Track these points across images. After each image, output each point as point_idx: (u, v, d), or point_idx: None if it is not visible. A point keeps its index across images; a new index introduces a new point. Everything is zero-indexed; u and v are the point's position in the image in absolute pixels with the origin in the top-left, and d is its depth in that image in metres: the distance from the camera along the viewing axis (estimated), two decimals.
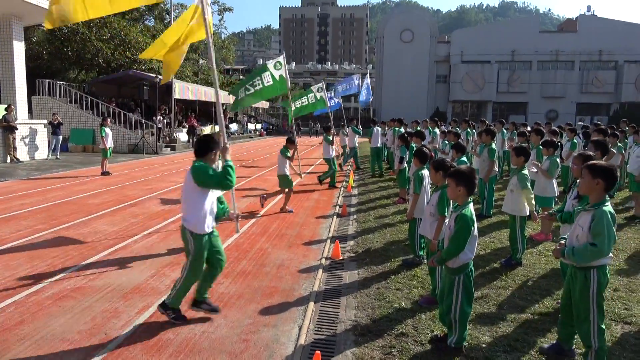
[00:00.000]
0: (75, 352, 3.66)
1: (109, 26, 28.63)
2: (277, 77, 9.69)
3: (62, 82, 23.95)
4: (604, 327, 3.38)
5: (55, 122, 18.52)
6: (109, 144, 13.99)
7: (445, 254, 3.59)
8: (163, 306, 4.20)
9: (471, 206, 3.65)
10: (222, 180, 3.99)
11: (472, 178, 3.62)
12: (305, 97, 15.24)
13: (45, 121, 18.99)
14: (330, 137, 12.73)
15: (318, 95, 15.01)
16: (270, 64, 9.95)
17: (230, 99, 36.24)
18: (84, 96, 23.27)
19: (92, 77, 32.68)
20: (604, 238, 3.18)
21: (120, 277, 5.37)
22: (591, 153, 4.98)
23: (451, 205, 3.91)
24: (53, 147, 18.67)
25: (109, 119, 14.85)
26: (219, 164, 4.44)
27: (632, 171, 9.04)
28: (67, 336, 3.92)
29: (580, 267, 3.36)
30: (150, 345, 3.79)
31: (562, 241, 3.50)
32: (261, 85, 9.52)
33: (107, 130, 13.95)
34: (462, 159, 7.31)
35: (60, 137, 18.96)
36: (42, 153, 18.56)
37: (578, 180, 4.10)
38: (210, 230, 4.13)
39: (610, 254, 3.32)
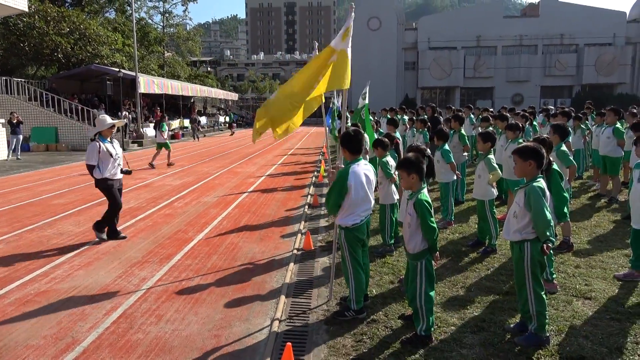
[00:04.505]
0: (40, 358, 3.57)
1: (68, 20, 27.54)
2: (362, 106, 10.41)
3: (20, 79, 23.01)
4: (544, 295, 3.62)
5: (15, 121, 17.83)
6: (166, 137, 15.28)
7: (431, 242, 3.62)
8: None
9: (425, 190, 3.73)
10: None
11: (420, 164, 3.70)
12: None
13: (3, 120, 18.26)
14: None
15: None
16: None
17: (199, 92, 35.89)
18: (44, 93, 22.43)
19: (52, 73, 31.50)
20: (537, 211, 3.46)
21: (87, 278, 5.24)
22: (546, 137, 5.11)
23: (405, 193, 3.97)
24: (13, 147, 17.99)
25: (166, 116, 17.06)
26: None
27: (607, 153, 8.64)
28: (32, 342, 3.81)
29: (516, 241, 3.64)
30: (119, 347, 3.72)
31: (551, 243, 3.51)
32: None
33: (166, 125, 15.41)
34: (444, 147, 7.01)
35: (21, 137, 18.27)
36: (2, 154, 17.86)
37: None
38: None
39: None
